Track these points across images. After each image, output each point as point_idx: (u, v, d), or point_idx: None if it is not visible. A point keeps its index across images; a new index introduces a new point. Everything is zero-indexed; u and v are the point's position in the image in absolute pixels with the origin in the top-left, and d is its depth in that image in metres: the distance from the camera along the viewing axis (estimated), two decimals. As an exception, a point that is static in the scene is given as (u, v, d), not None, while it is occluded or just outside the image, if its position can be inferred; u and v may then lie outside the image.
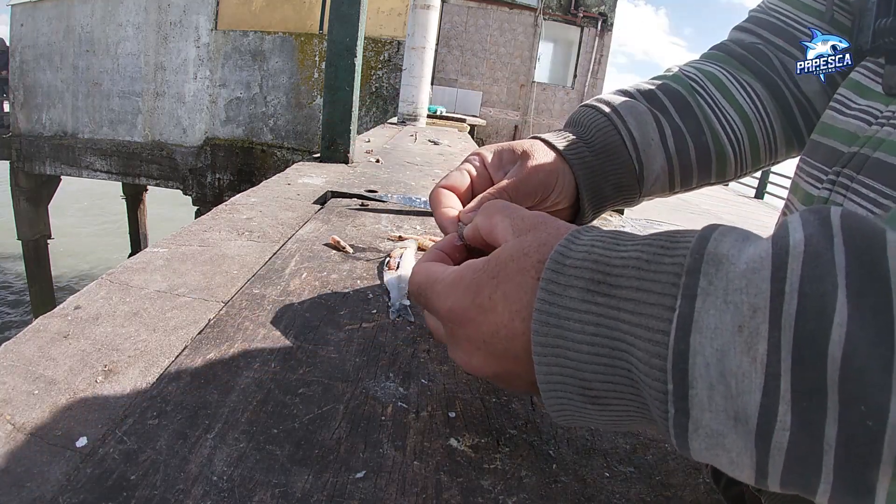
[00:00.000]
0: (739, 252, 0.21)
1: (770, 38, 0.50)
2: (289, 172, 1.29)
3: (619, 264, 0.24)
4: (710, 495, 0.34)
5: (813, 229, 0.20)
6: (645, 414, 0.24)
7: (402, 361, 0.44)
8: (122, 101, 8.41)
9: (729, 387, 0.19)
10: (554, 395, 0.26)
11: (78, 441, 0.32)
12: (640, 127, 0.45)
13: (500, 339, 0.27)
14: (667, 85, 0.48)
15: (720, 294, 0.20)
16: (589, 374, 0.24)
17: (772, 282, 0.19)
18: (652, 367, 0.21)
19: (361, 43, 1.58)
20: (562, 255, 0.26)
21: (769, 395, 0.19)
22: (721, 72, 0.49)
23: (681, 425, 0.21)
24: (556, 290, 0.25)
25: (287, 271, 0.61)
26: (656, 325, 0.21)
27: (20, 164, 8.90)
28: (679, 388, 0.20)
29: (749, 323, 0.19)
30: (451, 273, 0.31)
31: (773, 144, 0.50)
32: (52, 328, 0.45)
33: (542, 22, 9.82)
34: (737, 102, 0.48)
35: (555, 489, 0.32)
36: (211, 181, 7.99)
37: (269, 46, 7.89)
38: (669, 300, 0.21)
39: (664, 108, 0.47)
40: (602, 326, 0.23)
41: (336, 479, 0.31)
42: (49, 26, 8.76)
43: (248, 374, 0.40)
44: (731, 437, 0.20)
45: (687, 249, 0.22)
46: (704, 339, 0.20)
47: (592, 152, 0.45)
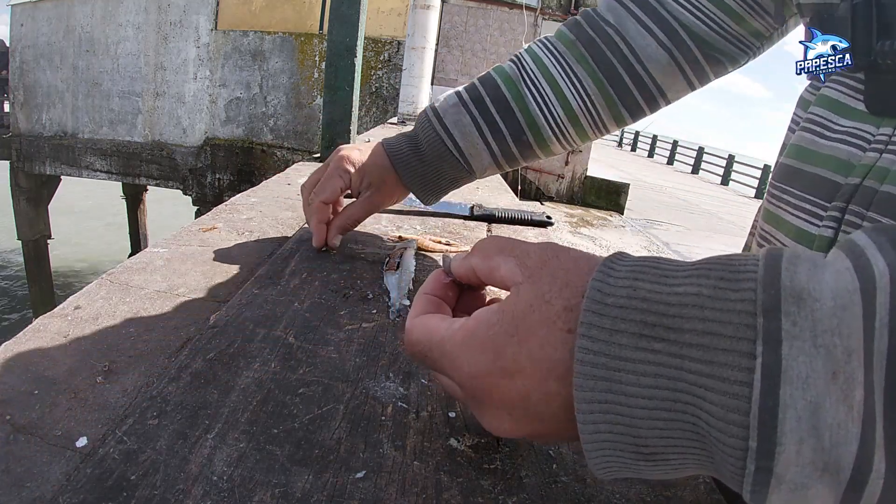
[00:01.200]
0: (821, 285, 0.18)
1: (633, 10, 0.54)
2: (289, 172, 1.29)
3: (675, 302, 0.21)
4: (710, 495, 0.34)
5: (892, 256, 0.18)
6: (705, 465, 0.22)
7: (402, 361, 0.44)
8: (122, 101, 8.41)
9: (822, 440, 0.18)
10: (601, 455, 0.23)
11: (78, 441, 0.32)
12: (465, 137, 0.58)
13: (533, 403, 0.24)
14: (495, 87, 0.58)
15: (808, 337, 0.18)
16: (645, 430, 0.21)
17: (864, 320, 0.17)
18: (729, 423, 0.19)
19: (361, 43, 1.58)
20: (601, 294, 0.22)
21: (865, 445, 0.17)
22: (555, 63, 0.57)
23: (761, 482, 0.19)
24: (602, 337, 0.22)
25: (287, 271, 0.61)
26: (733, 375, 0.19)
27: (20, 164, 8.90)
28: (764, 445, 0.18)
29: (845, 368, 0.17)
30: (458, 330, 0.27)
31: (600, 124, 0.59)
32: (52, 328, 0.45)
33: (542, 22, 9.82)
34: (563, 95, 0.57)
35: (555, 489, 0.32)
36: (211, 181, 7.99)
37: (269, 46, 7.89)
38: (746, 345, 0.19)
39: (487, 111, 0.57)
40: (662, 377, 0.21)
41: (336, 479, 0.31)
42: (49, 26, 8.76)
43: (248, 374, 0.40)
44: (816, 488, 0.18)
45: (754, 282, 0.19)
46: (796, 391, 0.18)
47: (423, 163, 0.60)
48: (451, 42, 9.99)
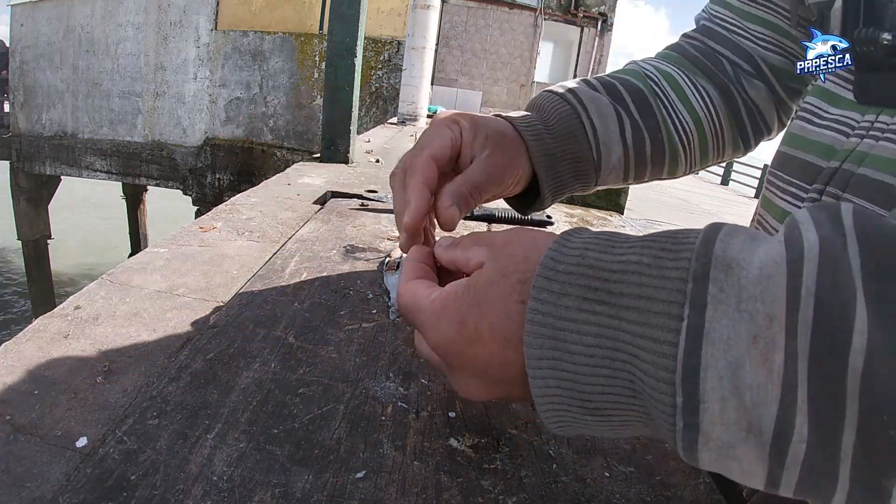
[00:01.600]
0: (751, 256, 0.20)
1: (718, 49, 0.51)
2: (289, 172, 1.29)
3: (618, 269, 0.22)
4: (710, 495, 0.34)
5: (826, 230, 0.19)
6: (647, 423, 0.23)
7: (402, 361, 0.44)
8: (122, 101, 8.41)
9: (743, 399, 0.18)
10: (551, 409, 0.25)
11: (78, 441, 0.32)
12: (602, 118, 0.46)
13: (494, 368, 0.27)
14: (628, 81, 0.49)
15: (732, 302, 0.19)
16: (588, 385, 0.23)
17: (788, 289, 0.18)
18: (659, 381, 0.20)
19: (361, 43, 1.58)
20: (553, 261, 0.24)
21: (786, 407, 0.18)
22: (677, 72, 0.51)
23: (690, 438, 0.20)
24: (549, 299, 0.23)
25: (287, 271, 0.61)
26: (663, 336, 0.20)
27: (20, 164, 8.91)
28: (689, 402, 0.19)
29: (765, 333, 0.18)
30: (434, 301, 0.29)
31: (721, 145, 0.52)
32: (52, 328, 0.45)
33: (542, 22, 9.82)
34: (690, 104, 0.50)
35: (555, 489, 0.32)
36: (211, 181, 7.99)
37: (269, 46, 7.89)
38: (676, 308, 0.20)
39: (624, 103, 0.47)
40: (602, 337, 0.22)
41: (336, 479, 0.31)
42: (49, 26, 8.76)
43: (248, 374, 0.40)
44: (742, 448, 0.19)
45: (691, 252, 0.21)
46: (717, 350, 0.19)
47: (553, 139, 0.44)
48: (451, 42, 9.99)
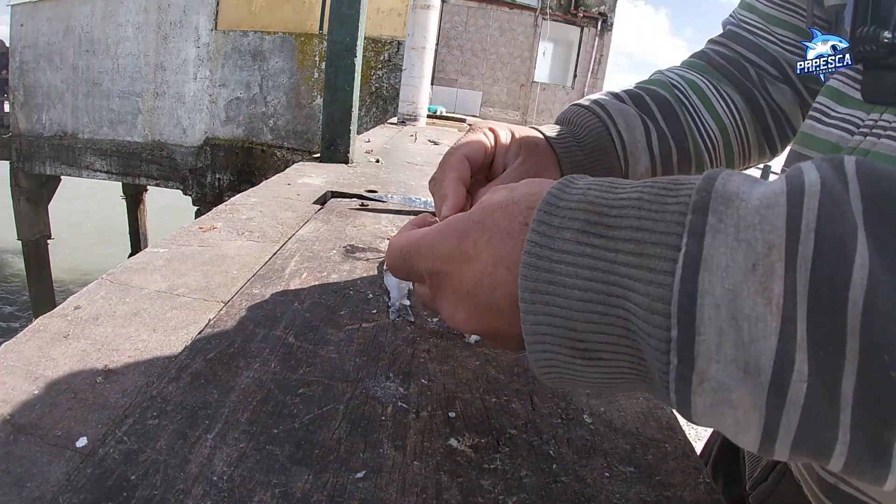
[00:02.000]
0: (750, 189, 0.19)
1: (744, 54, 0.52)
2: (289, 172, 1.29)
3: (617, 204, 0.22)
4: (710, 495, 0.34)
5: (828, 172, 0.19)
6: (640, 371, 0.22)
7: (402, 361, 0.44)
8: (122, 101, 8.41)
9: (741, 332, 0.18)
10: (540, 349, 0.24)
11: (78, 441, 0.32)
12: (629, 129, 0.47)
13: (484, 288, 0.26)
14: (655, 91, 0.50)
15: (731, 231, 0.18)
16: (580, 322, 0.22)
17: (788, 218, 0.18)
18: (653, 313, 0.19)
19: (361, 43, 1.58)
20: (555, 198, 0.24)
21: (786, 341, 0.17)
22: (702, 81, 0.51)
23: (683, 378, 0.19)
24: (548, 232, 0.23)
25: (287, 271, 0.61)
26: (659, 265, 0.20)
27: (20, 164, 8.90)
28: (684, 333, 0.19)
29: (764, 261, 0.18)
30: (436, 225, 0.29)
31: (747, 151, 0.53)
32: (52, 328, 0.45)
33: (541, 22, 9.82)
34: (716, 112, 0.50)
35: (555, 489, 0.32)
36: (211, 181, 7.99)
37: (269, 46, 7.89)
38: (674, 239, 0.20)
39: (651, 114, 0.48)
40: (597, 270, 0.21)
41: (336, 479, 0.31)
42: (49, 26, 8.76)
43: (248, 374, 0.40)
44: (739, 391, 0.18)
45: (692, 189, 0.20)
46: (715, 277, 0.18)
47: (583, 151, 0.46)
48: (451, 42, 9.99)
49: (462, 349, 0.47)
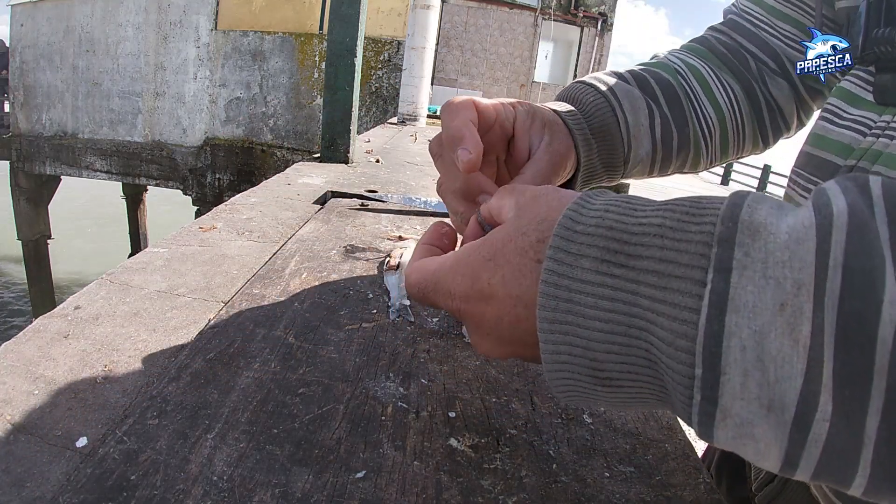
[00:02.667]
0: (779, 220, 0.19)
1: (745, 45, 0.52)
2: (289, 172, 1.29)
3: (638, 231, 0.21)
4: (710, 495, 0.34)
5: (854, 197, 0.18)
6: (661, 397, 0.22)
7: (402, 361, 0.44)
8: (122, 101, 8.41)
9: (766, 372, 0.18)
10: (560, 376, 0.24)
11: (78, 441, 0.32)
12: (634, 111, 0.46)
13: (505, 326, 0.26)
14: (658, 74, 0.49)
15: (759, 268, 0.18)
16: (601, 353, 0.22)
17: (817, 255, 0.17)
18: (677, 349, 0.19)
19: (361, 43, 1.58)
20: (572, 222, 0.23)
21: (811, 382, 0.17)
22: (704, 67, 0.51)
23: (706, 413, 0.19)
24: (567, 260, 0.22)
25: (287, 271, 0.61)
26: (683, 301, 0.19)
27: (20, 164, 8.90)
28: (709, 373, 0.18)
29: (793, 301, 0.17)
30: (450, 258, 0.29)
31: (742, 141, 0.53)
32: (52, 328, 0.45)
33: (541, 22, 9.82)
34: (715, 100, 0.50)
35: (555, 489, 0.32)
36: (211, 181, 7.99)
37: (269, 46, 7.89)
38: (699, 273, 0.19)
39: (655, 96, 0.48)
40: (618, 301, 0.21)
41: (336, 479, 0.31)
42: (49, 26, 8.76)
43: (248, 374, 0.40)
44: (762, 426, 0.18)
45: (716, 216, 0.20)
46: (742, 319, 0.18)
47: (591, 130, 0.45)
48: (451, 42, 9.99)
49: (462, 349, 0.47)
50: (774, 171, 12.54)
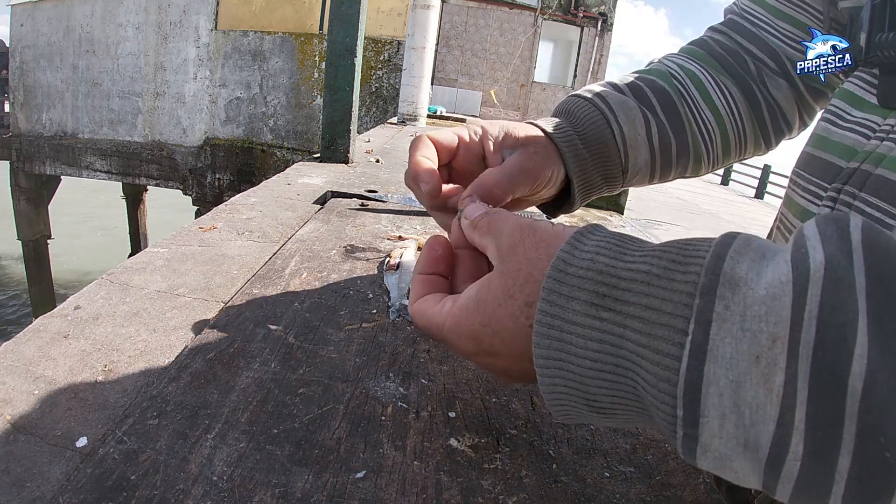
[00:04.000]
0: (758, 275, 0.20)
1: (744, 45, 0.51)
2: (289, 172, 1.29)
3: (627, 276, 0.23)
4: (710, 495, 0.34)
5: (833, 248, 0.19)
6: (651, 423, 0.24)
7: (402, 361, 0.44)
8: (122, 101, 8.41)
9: (742, 416, 0.19)
10: (557, 403, 0.26)
11: (78, 441, 0.32)
12: (629, 122, 0.47)
13: (515, 373, 0.29)
14: (654, 82, 0.50)
15: (737, 320, 0.19)
16: (593, 388, 0.24)
17: (792, 310, 0.18)
18: (661, 392, 0.21)
19: (361, 43, 1.58)
20: (564, 264, 0.25)
21: (783, 426, 0.18)
22: (701, 72, 0.51)
23: (689, 447, 0.20)
24: (558, 302, 0.24)
25: (287, 271, 0.61)
26: (666, 348, 0.21)
27: (20, 165, 8.90)
28: (689, 415, 0.20)
29: (767, 353, 0.18)
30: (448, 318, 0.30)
31: (743, 144, 0.53)
32: (52, 328, 0.45)
33: (541, 22, 9.82)
34: (714, 104, 0.50)
35: (555, 489, 0.32)
36: (211, 181, 7.99)
37: (269, 46, 7.89)
38: (681, 322, 0.20)
39: (651, 106, 0.48)
40: (606, 343, 0.23)
41: (336, 479, 0.31)
42: (49, 26, 8.76)
43: (248, 374, 0.40)
44: (739, 461, 0.20)
45: (700, 266, 0.21)
46: (719, 368, 0.19)
47: (584, 144, 0.46)
48: (451, 42, 9.99)
49: (462, 349, 0.47)
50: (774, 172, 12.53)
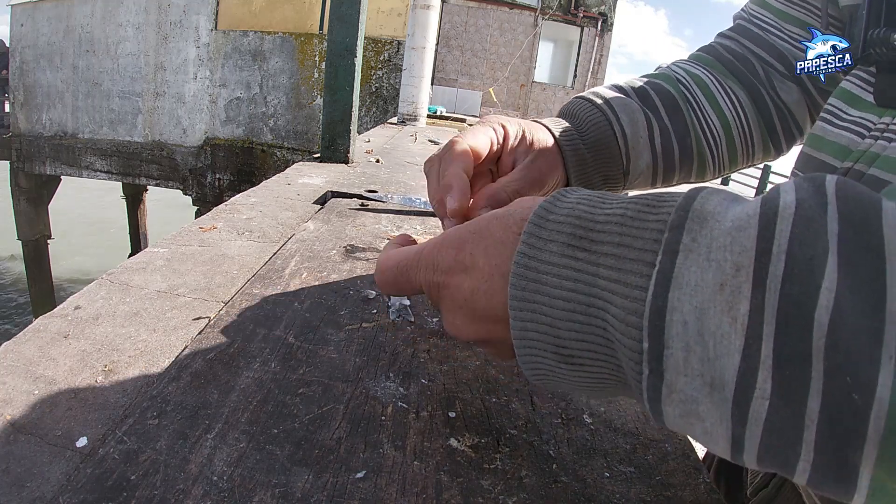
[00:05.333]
0: (726, 210, 0.20)
1: (753, 49, 0.51)
2: (289, 172, 1.29)
3: (602, 220, 0.23)
4: (710, 495, 0.34)
5: (806, 194, 0.19)
6: (619, 377, 0.23)
7: (402, 361, 0.44)
8: (122, 101, 8.41)
9: (707, 348, 0.19)
10: (528, 353, 0.25)
11: (78, 441, 0.32)
12: (632, 124, 0.47)
13: (481, 295, 0.27)
14: (659, 85, 0.50)
15: (703, 251, 0.19)
16: (564, 331, 0.23)
17: (758, 241, 0.18)
18: (628, 325, 0.21)
19: (361, 43, 1.58)
20: (546, 211, 0.25)
21: (748, 359, 0.18)
22: (708, 77, 0.51)
23: (654, 388, 0.20)
24: (537, 244, 0.24)
25: (287, 271, 0.61)
26: (635, 280, 0.21)
27: (20, 165, 8.90)
28: (654, 346, 0.20)
29: (731, 281, 0.18)
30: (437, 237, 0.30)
31: (751, 149, 0.53)
32: (52, 328, 0.45)
33: (541, 22, 9.82)
34: (720, 109, 0.50)
35: (555, 489, 0.32)
36: (211, 181, 7.99)
37: (269, 46, 7.89)
38: (650, 256, 0.21)
39: (655, 108, 0.49)
40: (580, 283, 0.23)
41: (336, 479, 0.31)
42: (49, 26, 8.76)
43: (248, 374, 0.40)
44: (705, 404, 0.19)
45: (672, 207, 0.21)
46: (683, 295, 0.19)
47: (586, 145, 0.46)
48: (451, 42, 9.99)
49: (462, 349, 0.47)
50: (775, 172, 12.54)
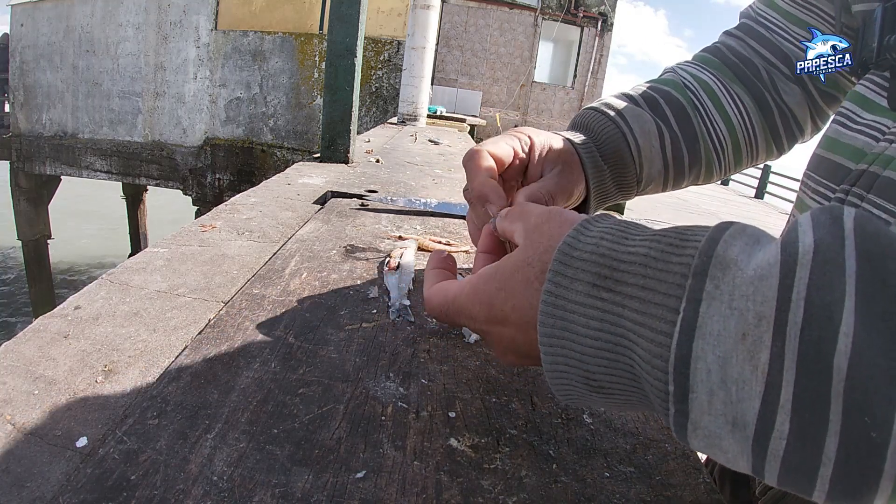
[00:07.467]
0: (749, 257, 0.21)
1: (758, 50, 0.52)
2: (289, 172, 1.29)
3: (627, 259, 0.24)
4: (710, 495, 0.34)
5: (824, 233, 0.19)
6: (647, 403, 0.24)
7: (402, 361, 0.44)
8: (122, 101, 8.40)
9: (729, 392, 0.20)
10: (559, 382, 0.26)
11: (78, 441, 0.32)
12: (644, 134, 0.49)
13: (520, 344, 0.29)
14: (668, 93, 0.51)
15: (725, 299, 0.20)
16: (592, 366, 0.25)
17: (779, 290, 0.19)
18: (654, 367, 0.22)
19: (361, 43, 1.58)
20: (570, 247, 0.26)
21: (768, 404, 0.19)
22: (713, 81, 0.52)
23: (680, 423, 0.21)
24: (563, 283, 0.25)
25: (287, 271, 0.61)
26: (659, 326, 0.21)
27: (20, 165, 8.90)
28: (679, 390, 0.21)
29: (753, 331, 0.19)
30: (466, 285, 0.32)
31: (755, 151, 0.54)
32: (52, 328, 0.45)
33: (541, 22, 9.82)
34: (726, 114, 0.52)
35: (555, 489, 0.32)
36: (211, 181, 7.99)
37: (269, 46, 7.89)
38: (674, 301, 0.21)
39: (665, 117, 0.50)
40: (606, 322, 0.24)
41: (336, 479, 0.31)
42: (49, 26, 8.75)
43: (248, 374, 0.40)
44: (728, 440, 0.20)
45: (696, 249, 0.22)
46: (707, 345, 0.20)
47: (603, 158, 0.48)
48: (451, 42, 9.98)
49: (462, 349, 0.47)
50: (775, 172, 12.54)
